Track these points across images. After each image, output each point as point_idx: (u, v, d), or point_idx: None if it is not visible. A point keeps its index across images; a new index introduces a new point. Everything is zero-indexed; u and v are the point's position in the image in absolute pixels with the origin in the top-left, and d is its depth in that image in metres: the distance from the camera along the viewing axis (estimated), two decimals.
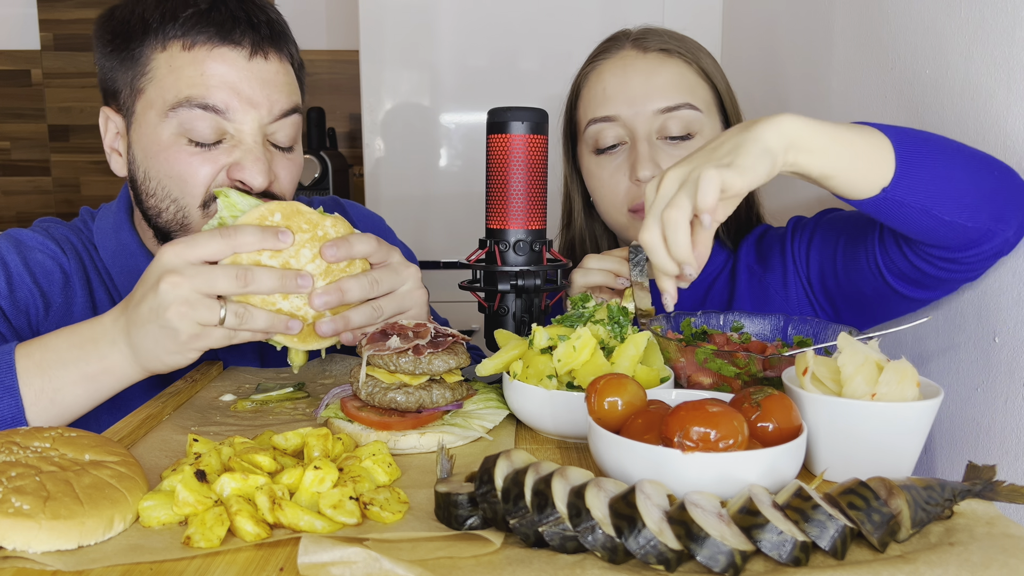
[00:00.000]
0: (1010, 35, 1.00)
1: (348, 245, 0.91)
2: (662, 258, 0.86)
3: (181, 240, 0.85)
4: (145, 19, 1.02)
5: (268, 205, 0.90)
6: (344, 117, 3.14)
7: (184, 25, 1.01)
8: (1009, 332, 1.01)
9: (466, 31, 2.33)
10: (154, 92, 1.03)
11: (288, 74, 1.09)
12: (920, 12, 1.21)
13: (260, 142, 1.05)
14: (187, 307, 0.83)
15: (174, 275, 0.83)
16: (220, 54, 1.02)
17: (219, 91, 1.01)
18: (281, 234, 0.88)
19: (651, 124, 1.22)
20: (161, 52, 1.02)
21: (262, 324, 0.88)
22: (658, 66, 1.24)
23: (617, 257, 1.12)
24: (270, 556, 0.61)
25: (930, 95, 1.18)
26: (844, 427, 0.72)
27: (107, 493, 0.64)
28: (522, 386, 0.86)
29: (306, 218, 0.91)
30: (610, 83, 1.25)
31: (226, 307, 0.85)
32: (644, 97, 1.22)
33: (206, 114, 1.01)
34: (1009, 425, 1.02)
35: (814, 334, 0.99)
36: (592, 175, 1.29)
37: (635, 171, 1.21)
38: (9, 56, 3.15)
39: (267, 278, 0.87)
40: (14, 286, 1.07)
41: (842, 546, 0.58)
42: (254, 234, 0.87)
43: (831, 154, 0.86)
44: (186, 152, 1.03)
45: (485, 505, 0.62)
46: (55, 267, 1.11)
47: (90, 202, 3.27)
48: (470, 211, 2.38)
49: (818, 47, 1.61)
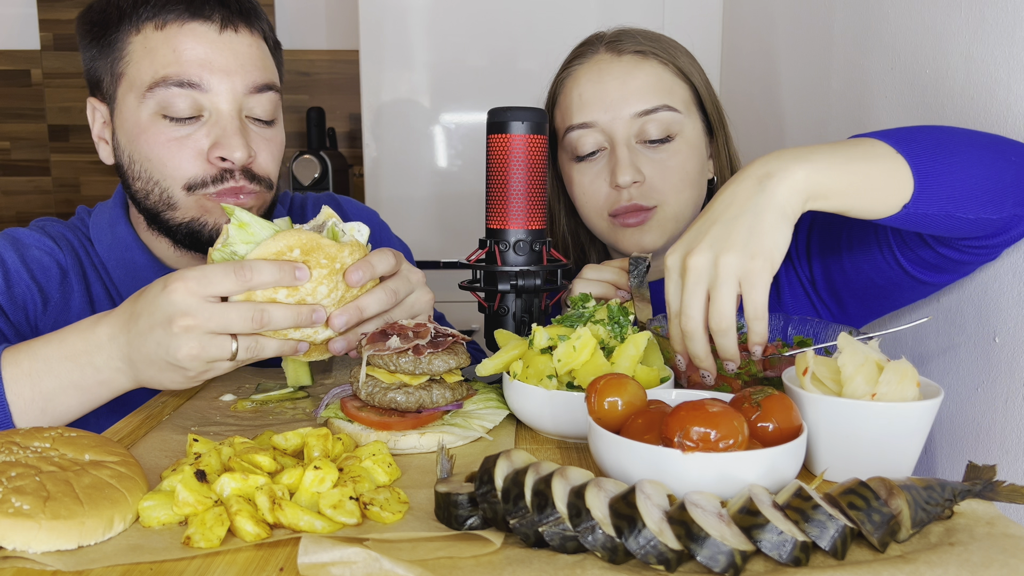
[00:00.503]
0: (1010, 35, 1.00)
1: (371, 268, 0.88)
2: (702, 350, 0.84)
3: (194, 274, 0.80)
4: (120, 6, 1.06)
5: (287, 238, 0.83)
6: (344, 117, 3.14)
7: (155, 6, 1.04)
8: (1009, 332, 1.01)
9: (466, 31, 2.33)
10: (132, 74, 1.06)
11: (261, 48, 1.11)
12: (920, 12, 1.21)
13: (237, 115, 1.07)
14: (200, 349, 0.81)
15: (187, 318, 0.79)
16: (191, 29, 1.05)
17: (192, 65, 1.04)
18: (299, 271, 0.83)
19: (629, 128, 1.21)
20: (136, 35, 1.06)
21: (272, 353, 0.87)
22: (633, 69, 1.22)
23: (616, 268, 1.11)
24: (270, 556, 0.61)
25: (930, 95, 1.18)
26: (844, 427, 0.72)
27: (107, 493, 0.64)
28: (522, 386, 0.86)
29: (325, 252, 0.85)
30: (586, 89, 1.23)
31: (238, 343, 0.83)
32: (620, 101, 1.21)
33: (182, 91, 1.04)
34: (1009, 425, 1.02)
35: (814, 334, 0.99)
36: (573, 182, 1.27)
37: (615, 177, 1.20)
38: (9, 56, 3.15)
39: (282, 316, 0.83)
40: (11, 283, 1.09)
41: (842, 546, 0.58)
42: (271, 273, 0.82)
43: (849, 193, 0.83)
44: (165, 134, 1.05)
45: (485, 505, 0.62)
46: (52, 263, 1.13)
47: (90, 202, 3.25)
48: (470, 211, 2.38)
49: (818, 47, 1.61)
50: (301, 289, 0.84)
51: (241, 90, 1.07)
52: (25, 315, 1.09)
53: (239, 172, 1.08)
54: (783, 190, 0.80)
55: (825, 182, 0.81)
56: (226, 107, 1.06)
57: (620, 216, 1.22)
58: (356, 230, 0.91)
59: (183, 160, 1.06)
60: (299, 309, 0.84)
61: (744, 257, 0.78)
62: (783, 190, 0.80)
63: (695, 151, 1.24)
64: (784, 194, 0.80)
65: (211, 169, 1.07)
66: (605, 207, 1.24)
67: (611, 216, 1.23)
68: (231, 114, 1.07)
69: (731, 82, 2.22)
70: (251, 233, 0.85)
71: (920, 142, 0.87)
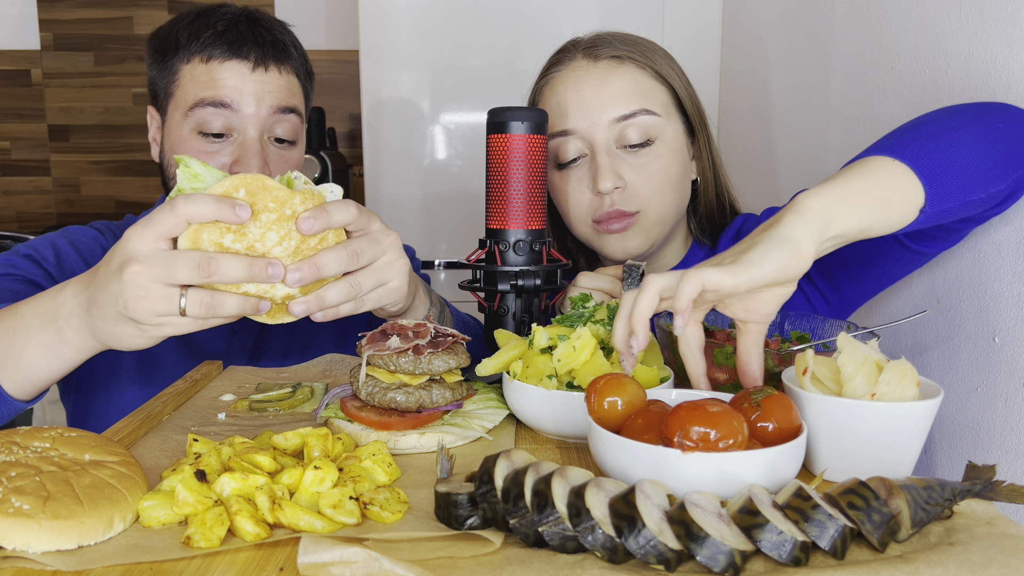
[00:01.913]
0: (1010, 35, 1.00)
1: (326, 215, 0.82)
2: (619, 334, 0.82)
3: (143, 220, 0.79)
4: (177, 38, 1.27)
5: (232, 179, 0.80)
6: (344, 117, 3.14)
7: (204, 43, 1.25)
8: (1009, 332, 1.01)
9: (466, 31, 2.33)
10: (179, 96, 1.27)
11: (289, 81, 1.29)
12: (920, 12, 1.21)
13: (259, 139, 1.25)
14: (146, 298, 0.78)
15: (134, 263, 0.78)
16: (230, 66, 1.24)
17: (226, 91, 1.24)
18: (239, 207, 0.78)
19: (608, 134, 1.21)
20: (186, 64, 1.26)
21: (231, 311, 0.82)
22: (610, 74, 1.22)
23: (610, 276, 1.11)
24: (270, 556, 0.61)
25: (930, 95, 1.19)
26: (844, 427, 0.72)
27: (107, 493, 0.64)
28: (522, 386, 0.86)
29: (273, 195, 0.80)
30: (563, 96, 1.23)
31: (187, 296, 0.79)
32: (599, 107, 1.20)
33: (216, 110, 1.23)
34: (1009, 425, 1.02)
35: (811, 329, 1.00)
36: (556, 189, 1.27)
37: (595, 183, 1.20)
38: (9, 56, 3.15)
39: (233, 267, 0.78)
40: (62, 258, 1.27)
41: (842, 546, 0.58)
42: (208, 204, 0.77)
43: (864, 216, 0.82)
44: (197, 146, 1.24)
45: (485, 505, 0.62)
46: (96, 244, 1.34)
47: (90, 202, 3.27)
48: (470, 211, 2.38)
49: (818, 47, 1.62)
50: (248, 234, 0.80)
51: (265, 113, 1.25)
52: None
53: None
54: (793, 221, 0.78)
55: (837, 208, 0.80)
56: (251, 130, 1.25)
57: (603, 222, 1.22)
58: (329, 190, 0.86)
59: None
60: (252, 260, 0.79)
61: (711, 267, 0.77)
62: (793, 221, 0.78)
63: (676, 154, 1.24)
64: (793, 224, 0.78)
65: None
66: (588, 213, 1.24)
67: (595, 222, 1.24)
68: (253, 136, 1.25)
69: (731, 82, 2.22)
70: (201, 180, 0.82)
71: (913, 143, 0.86)
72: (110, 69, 3.15)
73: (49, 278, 1.22)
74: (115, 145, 3.20)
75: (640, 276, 0.99)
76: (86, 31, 3.12)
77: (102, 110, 3.18)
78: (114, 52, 3.14)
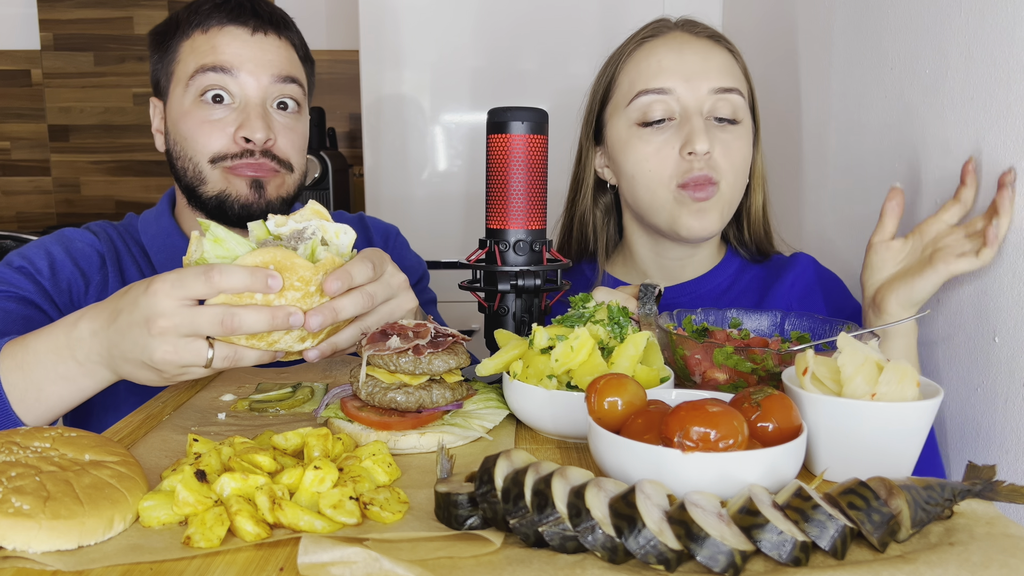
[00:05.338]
0: (1010, 35, 1.00)
1: (349, 277, 0.86)
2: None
3: (172, 276, 0.82)
4: (176, 20, 1.29)
5: (263, 254, 0.82)
6: (344, 117, 3.14)
7: (201, 14, 1.25)
8: (1009, 332, 1.01)
9: (466, 31, 2.33)
10: (180, 71, 1.26)
11: (289, 51, 1.29)
12: (920, 12, 1.21)
13: (261, 103, 1.25)
14: (174, 353, 0.82)
15: (162, 320, 0.81)
16: (228, 31, 1.24)
17: (226, 56, 1.23)
18: (271, 279, 0.81)
19: (704, 102, 1.22)
20: (186, 40, 1.26)
21: (252, 361, 0.87)
22: (711, 50, 1.25)
23: (627, 295, 1.11)
24: (270, 556, 0.61)
25: (930, 95, 1.18)
26: (844, 427, 0.72)
27: (107, 493, 0.64)
28: (522, 386, 0.86)
29: (299, 275, 0.83)
30: (665, 57, 1.24)
31: (214, 351, 0.83)
32: (701, 74, 1.22)
33: (216, 75, 1.23)
34: (1009, 425, 1.02)
35: (811, 329, 1.00)
36: (634, 149, 1.25)
37: (689, 143, 1.19)
38: (9, 56, 3.15)
39: (255, 320, 0.82)
40: (56, 269, 1.24)
41: (842, 546, 0.58)
42: (243, 278, 0.81)
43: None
44: (200, 115, 1.23)
45: (485, 505, 0.62)
46: (92, 251, 1.30)
47: (90, 202, 3.28)
48: (470, 211, 2.38)
49: (818, 47, 1.61)
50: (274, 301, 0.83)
51: (267, 81, 1.24)
52: (69, 296, 1.24)
53: (259, 152, 1.23)
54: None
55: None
56: (253, 95, 1.24)
57: (690, 187, 1.21)
58: (343, 232, 0.89)
59: (212, 138, 1.23)
60: (273, 311, 0.82)
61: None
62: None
63: (749, 145, 1.27)
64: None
65: (234, 147, 1.22)
66: (674, 176, 1.22)
67: (680, 187, 1.22)
68: (256, 101, 1.24)
69: None
70: (227, 248, 0.84)
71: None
72: (110, 69, 3.15)
73: (43, 293, 1.20)
74: (115, 145, 3.20)
75: (657, 296, 1.00)
76: (86, 31, 3.12)
77: (102, 110, 3.18)
78: (114, 52, 3.14)
